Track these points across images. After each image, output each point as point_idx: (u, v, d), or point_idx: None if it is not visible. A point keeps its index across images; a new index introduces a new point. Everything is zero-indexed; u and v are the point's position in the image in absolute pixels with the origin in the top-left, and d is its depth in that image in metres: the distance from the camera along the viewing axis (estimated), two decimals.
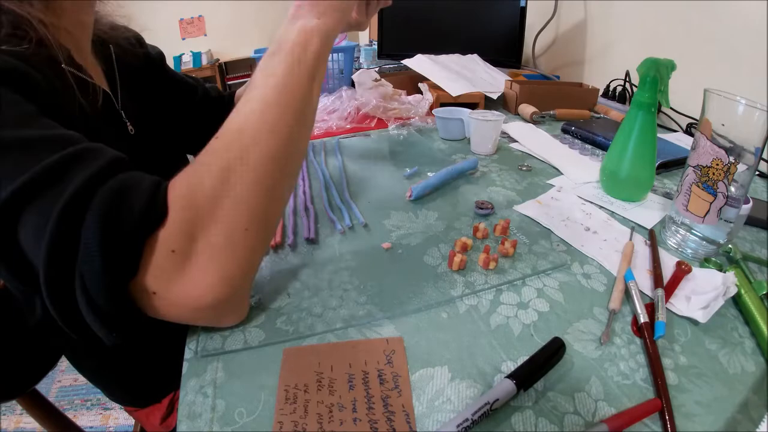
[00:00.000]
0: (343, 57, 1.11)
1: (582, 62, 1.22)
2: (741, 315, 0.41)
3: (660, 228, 0.54)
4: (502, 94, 1.02)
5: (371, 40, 2.01)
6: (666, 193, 0.63)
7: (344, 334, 0.39)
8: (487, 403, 0.30)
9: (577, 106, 0.99)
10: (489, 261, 0.46)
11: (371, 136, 0.90)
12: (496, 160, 0.76)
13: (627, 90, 1.00)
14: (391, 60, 1.31)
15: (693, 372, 0.35)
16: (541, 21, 1.26)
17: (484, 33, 1.25)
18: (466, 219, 0.57)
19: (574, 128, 0.85)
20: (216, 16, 3.66)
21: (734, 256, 0.47)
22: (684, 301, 0.41)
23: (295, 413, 0.32)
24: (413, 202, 0.61)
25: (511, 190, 0.64)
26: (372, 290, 0.44)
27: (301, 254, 0.50)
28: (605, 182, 0.63)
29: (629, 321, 0.40)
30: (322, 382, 0.34)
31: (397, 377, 0.35)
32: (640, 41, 1.03)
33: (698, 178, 0.46)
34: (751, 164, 0.43)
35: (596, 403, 0.33)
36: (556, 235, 0.53)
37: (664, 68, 0.53)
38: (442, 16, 1.27)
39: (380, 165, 0.74)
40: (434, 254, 0.49)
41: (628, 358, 0.36)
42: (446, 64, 1.09)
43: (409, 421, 0.31)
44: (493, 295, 0.43)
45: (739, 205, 0.46)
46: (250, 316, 0.41)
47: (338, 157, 0.77)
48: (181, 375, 0.36)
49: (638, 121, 0.57)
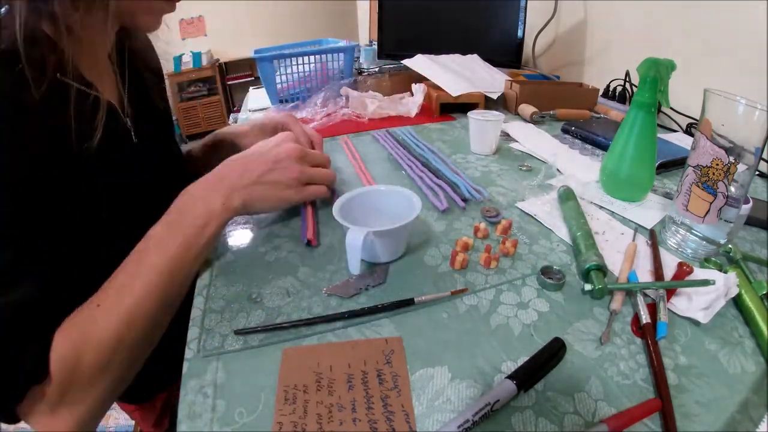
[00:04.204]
0: (343, 57, 1.11)
1: (582, 62, 1.22)
2: (741, 315, 0.41)
3: (660, 228, 0.54)
4: (502, 94, 1.02)
5: (371, 40, 2.01)
6: (666, 193, 0.63)
7: (344, 333, 0.39)
8: (488, 404, 0.30)
9: (577, 106, 0.99)
10: (490, 260, 0.46)
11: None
12: (496, 160, 0.76)
13: (627, 90, 1.00)
14: (391, 60, 1.31)
15: (693, 372, 0.35)
16: (541, 21, 1.26)
17: (484, 33, 1.25)
18: (466, 219, 0.57)
19: (574, 128, 0.85)
20: (216, 16, 3.66)
21: (734, 256, 0.47)
22: (685, 301, 0.41)
23: (295, 413, 0.32)
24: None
25: (512, 190, 0.64)
26: (372, 290, 0.44)
27: (301, 254, 0.50)
28: (605, 182, 0.63)
29: (629, 321, 0.40)
30: (321, 382, 0.34)
31: (397, 377, 0.34)
32: (640, 41, 1.03)
33: (698, 178, 0.46)
34: (751, 164, 0.43)
35: (596, 403, 0.33)
36: (557, 235, 0.53)
37: (664, 68, 0.53)
38: (442, 16, 1.27)
39: (379, 165, 0.75)
40: (434, 254, 0.49)
41: (628, 358, 0.36)
42: (446, 64, 1.09)
43: (408, 421, 0.31)
44: (493, 294, 0.43)
45: (739, 205, 0.46)
46: (250, 315, 0.41)
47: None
48: (176, 372, 0.36)
49: (638, 121, 0.57)
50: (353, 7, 3.13)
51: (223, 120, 3.85)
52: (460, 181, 0.64)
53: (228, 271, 0.48)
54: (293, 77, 1.08)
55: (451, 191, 0.62)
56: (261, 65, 1.04)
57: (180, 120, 3.81)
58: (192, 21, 3.69)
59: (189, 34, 3.69)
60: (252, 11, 3.72)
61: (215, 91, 3.87)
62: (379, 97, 1.04)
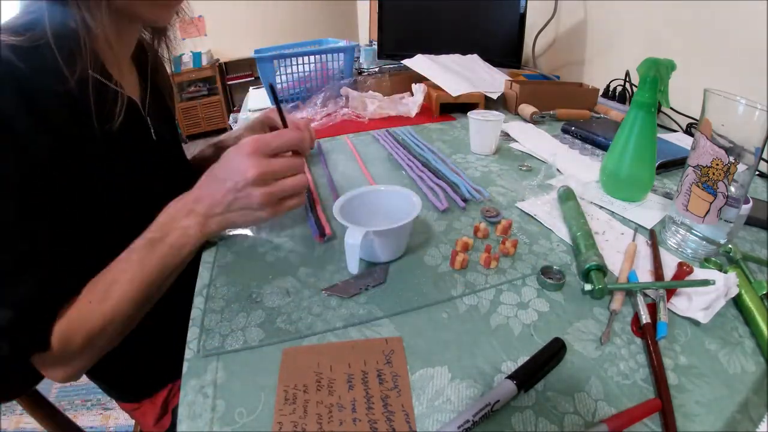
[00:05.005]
0: (344, 57, 1.11)
1: (582, 62, 1.22)
2: (741, 315, 0.41)
3: (660, 228, 0.54)
4: (502, 94, 1.02)
5: (371, 40, 2.01)
6: (666, 193, 0.63)
7: (344, 333, 0.39)
8: (488, 404, 0.30)
9: (577, 106, 0.99)
10: (490, 260, 0.46)
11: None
12: (496, 160, 0.76)
13: (627, 90, 1.00)
14: (391, 60, 1.31)
15: (693, 372, 0.35)
16: (541, 21, 1.26)
17: (484, 33, 1.25)
18: (466, 219, 0.56)
19: (574, 128, 0.85)
20: (216, 16, 3.65)
21: (734, 256, 0.47)
22: (685, 301, 0.41)
23: (295, 413, 0.32)
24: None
25: (512, 190, 0.64)
26: (372, 290, 0.44)
27: (301, 254, 0.50)
28: (605, 182, 0.63)
29: (629, 321, 0.40)
30: (321, 382, 0.34)
31: (397, 377, 0.34)
32: (640, 41, 1.03)
33: (698, 178, 0.46)
34: (751, 164, 0.43)
35: (596, 403, 0.33)
36: (557, 235, 0.53)
37: (664, 68, 0.53)
38: (442, 16, 1.27)
39: (379, 165, 0.75)
40: (434, 254, 0.49)
41: (628, 358, 0.36)
42: (446, 64, 1.09)
43: (408, 421, 0.31)
44: (493, 294, 0.43)
45: (739, 205, 0.46)
46: (250, 315, 0.41)
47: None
48: (176, 370, 0.36)
49: (638, 121, 0.57)
50: (353, 7, 3.13)
51: (223, 120, 3.85)
52: (460, 181, 0.64)
53: (228, 271, 0.48)
54: (293, 77, 1.08)
55: (451, 191, 0.62)
56: (261, 65, 1.04)
57: (180, 120, 3.81)
58: (192, 21, 3.69)
59: (189, 34, 3.69)
60: (252, 11, 3.72)
61: (215, 91, 3.86)
62: (379, 97, 1.04)
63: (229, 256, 0.51)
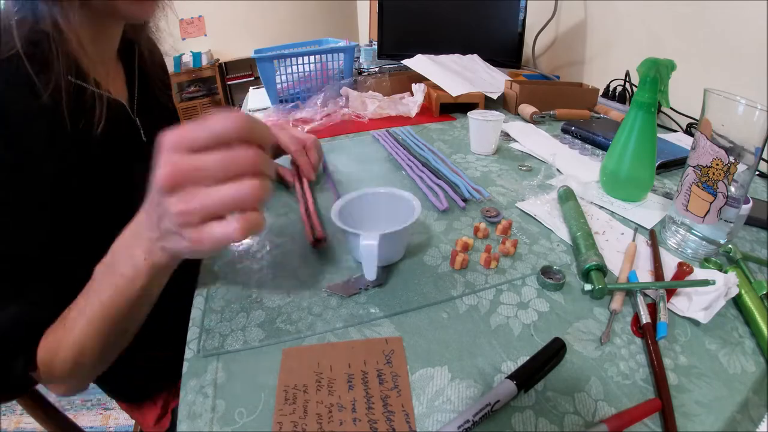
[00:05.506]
0: (344, 57, 1.11)
1: (582, 62, 1.22)
2: (741, 315, 0.41)
3: (660, 228, 0.54)
4: (502, 94, 1.02)
5: (371, 40, 2.01)
6: (666, 193, 0.63)
7: (344, 333, 0.39)
8: (488, 404, 0.30)
9: (577, 106, 0.99)
10: (490, 260, 0.46)
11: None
12: (496, 160, 0.76)
13: (627, 90, 1.00)
14: (391, 60, 1.31)
15: (693, 372, 0.35)
16: (541, 21, 1.26)
17: (484, 33, 1.25)
18: (466, 219, 0.57)
19: (574, 128, 0.85)
20: (216, 16, 3.65)
21: (734, 256, 0.47)
22: (685, 301, 0.41)
23: (295, 413, 0.32)
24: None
25: (511, 190, 0.64)
26: (372, 290, 0.44)
27: (301, 254, 0.50)
28: (605, 182, 0.63)
29: (629, 321, 0.40)
30: (321, 382, 0.34)
31: (397, 377, 0.34)
32: (640, 41, 1.03)
33: (698, 178, 0.46)
34: (751, 164, 0.43)
35: (596, 403, 0.33)
36: (557, 235, 0.53)
37: (664, 68, 0.53)
38: (442, 16, 1.27)
39: (379, 165, 0.75)
40: (434, 254, 0.49)
41: (628, 358, 0.36)
42: (446, 64, 1.09)
43: (408, 421, 0.31)
44: (493, 295, 0.43)
45: (739, 205, 0.46)
46: (250, 315, 0.41)
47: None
48: (176, 372, 0.36)
49: (638, 121, 0.57)
50: (353, 7, 3.13)
51: None
52: (460, 181, 0.64)
53: (228, 272, 0.48)
54: (293, 77, 1.08)
55: (451, 191, 0.62)
56: (261, 65, 1.04)
57: (180, 120, 3.81)
58: (192, 21, 3.69)
59: (189, 34, 3.69)
60: (252, 11, 3.71)
61: (215, 91, 3.86)
62: (379, 97, 1.04)
63: (229, 255, 0.51)
